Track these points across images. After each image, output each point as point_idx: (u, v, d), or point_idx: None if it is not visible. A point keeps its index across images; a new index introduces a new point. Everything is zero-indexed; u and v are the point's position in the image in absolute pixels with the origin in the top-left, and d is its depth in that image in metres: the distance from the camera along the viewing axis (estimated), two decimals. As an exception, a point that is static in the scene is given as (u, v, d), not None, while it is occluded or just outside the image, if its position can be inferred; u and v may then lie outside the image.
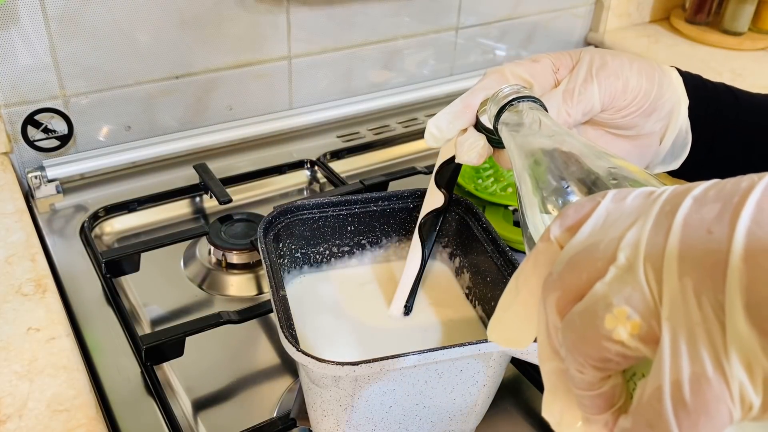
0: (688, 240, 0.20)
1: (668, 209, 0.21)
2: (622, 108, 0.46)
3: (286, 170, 0.86)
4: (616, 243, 0.22)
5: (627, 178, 0.31)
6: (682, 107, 0.49)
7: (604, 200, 0.23)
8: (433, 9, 1.00)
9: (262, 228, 0.52)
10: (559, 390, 0.25)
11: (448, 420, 0.47)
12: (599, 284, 0.22)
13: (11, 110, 0.76)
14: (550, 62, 0.46)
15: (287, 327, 0.43)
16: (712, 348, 0.19)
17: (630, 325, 0.21)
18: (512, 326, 0.27)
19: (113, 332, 0.61)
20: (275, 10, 0.86)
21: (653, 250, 0.21)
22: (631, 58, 0.47)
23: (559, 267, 0.23)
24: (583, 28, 1.23)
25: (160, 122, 0.86)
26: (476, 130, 0.46)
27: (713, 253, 0.19)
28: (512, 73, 0.45)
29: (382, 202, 0.57)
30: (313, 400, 0.45)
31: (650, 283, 0.20)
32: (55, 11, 0.73)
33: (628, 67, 0.46)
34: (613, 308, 0.21)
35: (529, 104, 0.41)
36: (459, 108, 0.46)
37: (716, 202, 0.20)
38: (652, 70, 0.47)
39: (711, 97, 0.51)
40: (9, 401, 0.48)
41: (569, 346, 0.22)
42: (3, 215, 0.68)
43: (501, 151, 0.46)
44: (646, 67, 0.47)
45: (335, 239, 0.57)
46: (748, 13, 1.20)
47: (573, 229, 0.24)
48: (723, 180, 0.21)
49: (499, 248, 0.51)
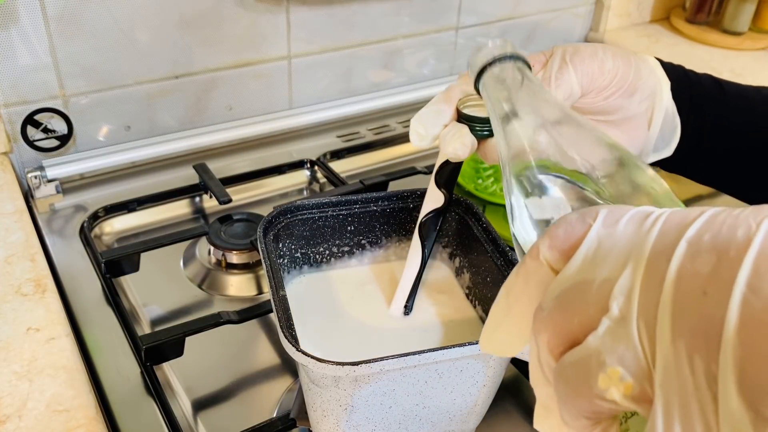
0: (682, 299, 0.19)
1: (661, 250, 0.21)
2: (603, 89, 0.47)
3: (286, 170, 0.86)
4: (609, 288, 0.21)
5: (622, 165, 0.31)
6: (664, 88, 0.49)
7: (595, 224, 0.23)
8: (433, 9, 1.00)
9: (262, 228, 0.52)
10: (551, 409, 0.25)
11: (448, 420, 0.47)
12: (592, 337, 0.21)
13: (11, 110, 0.76)
14: None
15: (287, 327, 0.43)
16: (705, 423, 0.19)
17: (623, 387, 0.20)
18: (504, 339, 0.27)
19: (113, 332, 0.61)
20: (275, 9, 0.86)
21: (646, 303, 0.20)
22: (604, 46, 0.47)
23: (550, 302, 0.23)
24: (583, 28, 1.23)
25: (159, 122, 0.86)
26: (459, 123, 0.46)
27: (707, 319, 0.19)
28: None
29: (382, 202, 0.57)
30: (313, 400, 0.45)
31: (643, 343, 0.20)
32: (54, 11, 0.73)
33: (602, 51, 0.47)
34: (606, 368, 0.21)
35: (512, 63, 0.41)
36: (440, 103, 0.46)
37: (711, 253, 0.19)
38: (627, 54, 0.48)
39: (694, 83, 0.51)
40: (8, 401, 0.48)
41: (561, 396, 0.22)
42: (2, 215, 0.68)
43: (485, 143, 0.46)
44: (620, 52, 0.48)
45: (335, 239, 0.57)
46: (748, 12, 1.20)
47: (563, 252, 0.24)
48: (717, 217, 0.20)
49: (499, 248, 0.51)
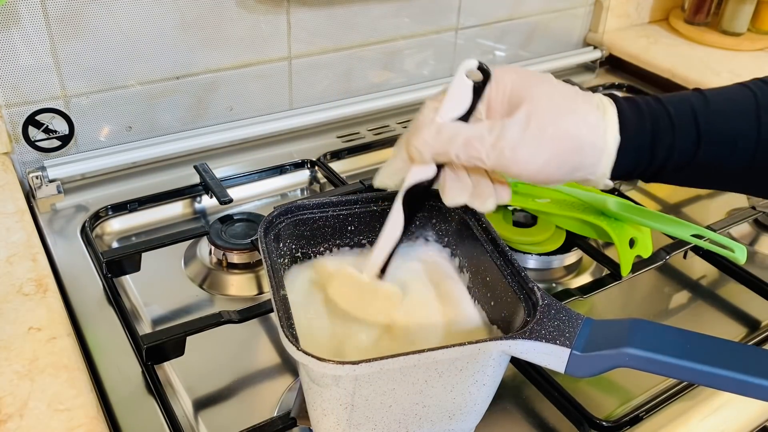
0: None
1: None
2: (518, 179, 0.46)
3: (286, 170, 0.86)
4: None
5: None
6: (602, 168, 0.46)
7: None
8: (433, 9, 1.00)
9: (262, 228, 0.52)
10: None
11: (448, 419, 0.48)
12: None
13: (12, 110, 0.76)
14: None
15: (288, 326, 0.43)
16: None
17: None
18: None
19: (114, 332, 0.61)
20: (275, 10, 0.86)
21: None
22: (553, 138, 0.44)
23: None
24: (582, 29, 1.23)
25: (160, 122, 0.86)
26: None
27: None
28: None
29: (382, 202, 0.57)
30: (314, 399, 0.45)
31: None
32: (56, 12, 0.73)
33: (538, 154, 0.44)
34: None
35: None
36: (397, 161, 0.50)
37: None
38: (569, 157, 0.44)
39: (661, 128, 0.46)
40: (10, 401, 0.49)
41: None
42: (4, 215, 0.68)
43: None
44: (562, 153, 0.44)
45: (335, 239, 0.57)
46: (746, 13, 1.20)
47: None
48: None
49: (499, 248, 0.52)
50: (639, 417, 0.55)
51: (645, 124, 0.46)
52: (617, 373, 0.42)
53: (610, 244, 0.73)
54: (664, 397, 0.57)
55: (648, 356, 0.41)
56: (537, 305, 0.46)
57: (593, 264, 0.74)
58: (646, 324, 0.43)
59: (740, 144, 0.45)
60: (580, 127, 0.44)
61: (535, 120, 0.44)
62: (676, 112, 0.46)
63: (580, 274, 0.73)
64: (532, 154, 0.44)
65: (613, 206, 0.68)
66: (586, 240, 0.73)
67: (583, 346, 0.43)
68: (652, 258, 0.70)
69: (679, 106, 0.47)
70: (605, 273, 0.70)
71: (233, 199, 0.77)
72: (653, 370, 0.42)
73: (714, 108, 0.46)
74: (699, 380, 0.42)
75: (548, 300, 0.46)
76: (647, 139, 0.46)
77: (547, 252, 0.72)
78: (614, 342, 0.42)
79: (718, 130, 0.46)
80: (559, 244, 0.72)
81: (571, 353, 0.43)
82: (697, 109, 0.46)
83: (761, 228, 0.81)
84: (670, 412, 0.56)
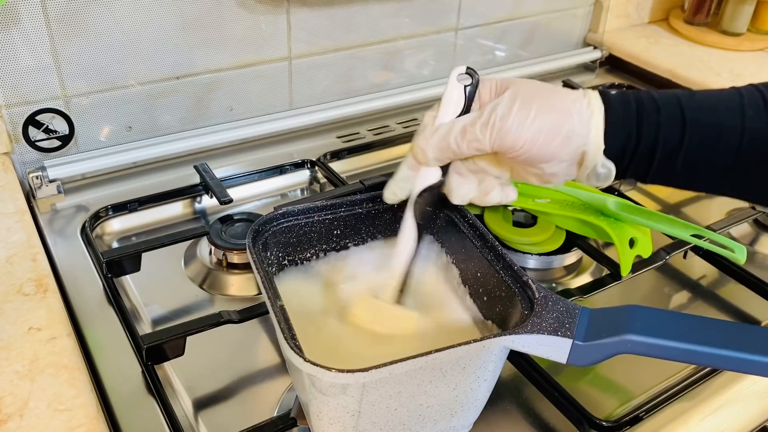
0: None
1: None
2: (517, 156, 0.47)
3: (286, 170, 0.86)
4: None
5: None
6: (594, 135, 0.47)
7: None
8: (433, 10, 1.00)
9: (250, 238, 0.51)
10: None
11: (450, 416, 0.48)
12: None
13: (12, 110, 0.76)
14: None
15: (291, 337, 0.42)
16: None
17: None
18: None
19: (114, 332, 0.61)
20: (275, 10, 0.86)
21: None
22: (539, 109, 0.46)
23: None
24: (582, 29, 1.23)
25: (161, 122, 0.86)
26: None
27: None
28: None
29: (367, 204, 0.57)
30: (318, 408, 0.44)
31: None
32: (56, 12, 0.73)
33: (533, 114, 0.46)
34: None
35: None
36: (406, 170, 0.52)
37: None
38: (558, 125, 0.46)
39: (653, 124, 0.48)
40: (10, 401, 0.49)
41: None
42: (4, 215, 0.68)
43: None
44: (551, 122, 0.46)
45: (322, 244, 0.57)
46: (746, 13, 1.20)
47: None
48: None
49: (488, 243, 0.52)
50: (639, 417, 0.55)
51: (630, 103, 0.48)
52: (617, 372, 0.42)
53: (610, 244, 0.73)
54: (664, 397, 0.57)
55: (649, 341, 0.41)
56: (534, 298, 0.46)
57: (593, 264, 0.74)
58: (644, 310, 0.44)
59: (725, 134, 0.46)
60: (564, 100, 0.48)
61: (520, 97, 0.47)
62: (660, 96, 0.49)
63: (580, 274, 0.73)
64: (522, 120, 0.46)
65: (613, 206, 0.68)
66: (586, 240, 0.73)
67: (584, 335, 0.43)
68: (652, 258, 0.70)
69: (664, 94, 0.49)
70: (605, 273, 0.70)
71: (233, 199, 0.77)
72: (654, 354, 0.42)
73: (699, 98, 0.48)
74: (700, 361, 0.42)
75: (544, 292, 0.46)
76: (633, 116, 0.48)
77: (547, 252, 0.72)
78: (615, 329, 0.42)
79: (704, 119, 0.47)
80: (559, 244, 0.72)
81: (573, 343, 0.43)
82: (681, 97, 0.48)
83: (761, 228, 0.81)
84: (670, 412, 0.56)
